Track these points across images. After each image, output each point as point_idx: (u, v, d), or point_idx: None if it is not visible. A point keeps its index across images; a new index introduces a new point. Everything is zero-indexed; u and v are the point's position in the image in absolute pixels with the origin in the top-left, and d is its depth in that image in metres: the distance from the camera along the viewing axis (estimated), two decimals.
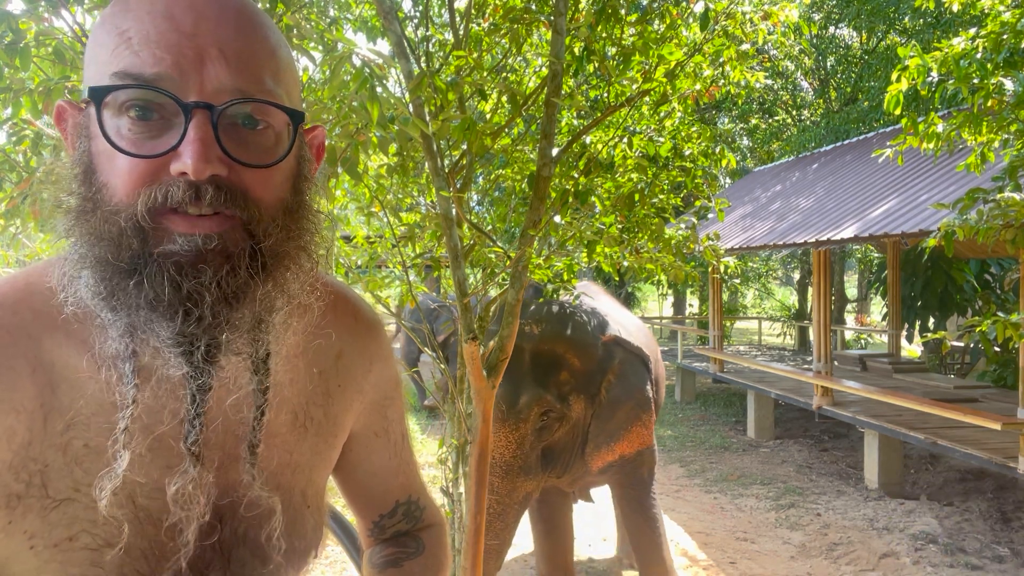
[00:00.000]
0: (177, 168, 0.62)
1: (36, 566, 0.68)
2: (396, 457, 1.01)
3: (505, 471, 3.37)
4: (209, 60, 0.64)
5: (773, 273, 21.55)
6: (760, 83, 3.58)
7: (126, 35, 0.64)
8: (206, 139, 0.62)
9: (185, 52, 0.63)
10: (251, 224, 0.66)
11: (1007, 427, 5.32)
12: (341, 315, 0.88)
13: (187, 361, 0.65)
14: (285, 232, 0.69)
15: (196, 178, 0.62)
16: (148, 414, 0.70)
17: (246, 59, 0.66)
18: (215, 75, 0.64)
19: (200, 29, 0.64)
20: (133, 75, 0.63)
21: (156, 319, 0.63)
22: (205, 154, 0.62)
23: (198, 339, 0.64)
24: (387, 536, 1.04)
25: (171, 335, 0.63)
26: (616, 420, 3.59)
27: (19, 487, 0.67)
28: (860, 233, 6.84)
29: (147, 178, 0.63)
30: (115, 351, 0.66)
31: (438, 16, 4.46)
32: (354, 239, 3.72)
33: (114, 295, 0.64)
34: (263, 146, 0.68)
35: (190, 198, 0.62)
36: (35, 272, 0.72)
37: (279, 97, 0.68)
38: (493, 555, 3.44)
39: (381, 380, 0.94)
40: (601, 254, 3.18)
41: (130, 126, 0.64)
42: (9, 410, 0.67)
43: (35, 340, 0.69)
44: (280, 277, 0.69)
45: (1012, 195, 3.13)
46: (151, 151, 0.63)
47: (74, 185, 0.67)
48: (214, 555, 0.75)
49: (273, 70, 0.69)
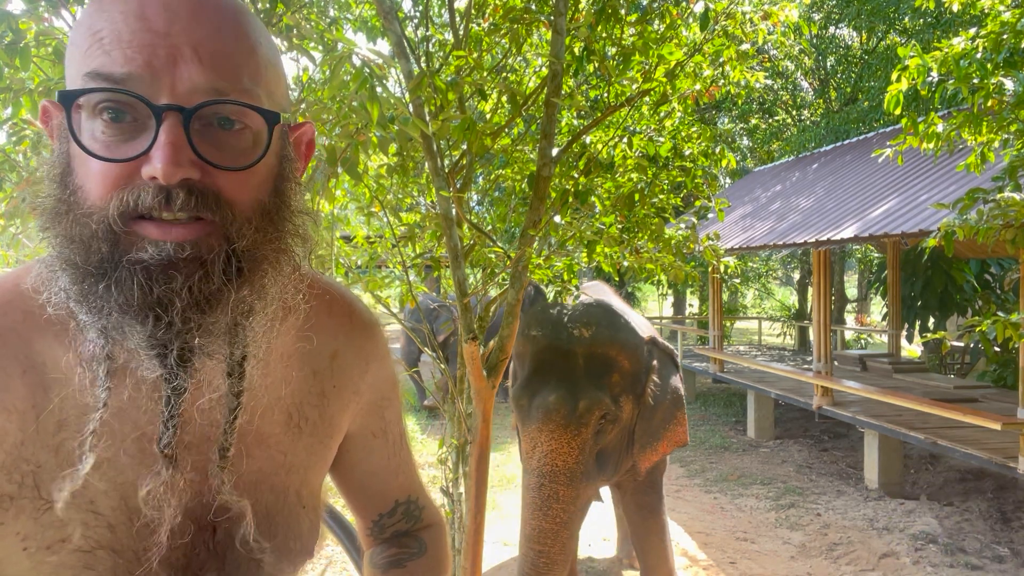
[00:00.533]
0: (148, 172, 0.61)
1: (29, 568, 0.68)
2: (395, 457, 1.01)
3: (569, 478, 3.30)
4: (182, 60, 0.63)
5: (773, 273, 21.55)
6: (760, 83, 3.58)
7: (98, 35, 0.63)
8: (176, 142, 0.61)
9: (157, 52, 0.62)
10: (226, 227, 0.65)
11: (1007, 427, 5.32)
12: (336, 315, 0.87)
13: (161, 364, 0.64)
14: (262, 234, 0.68)
15: (166, 182, 0.61)
16: (136, 415, 0.70)
17: (222, 58, 0.65)
18: (188, 76, 0.63)
19: (174, 29, 0.63)
20: (103, 75, 0.62)
21: (128, 322, 0.62)
22: (175, 158, 0.61)
23: (171, 343, 0.63)
24: (387, 536, 1.04)
25: (143, 338, 0.63)
26: (657, 419, 3.60)
27: (11, 488, 0.67)
28: (860, 233, 6.84)
29: (120, 182, 0.62)
30: (91, 352, 0.66)
31: (438, 16, 4.46)
32: (354, 239, 3.72)
33: (86, 298, 0.63)
34: (239, 148, 0.66)
35: (160, 203, 0.61)
36: (25, 273, 0.71)
37: (257, 97, 0.67)
38: (560, 566, 3.38)
39: (378, 380, 0.93)
40: (601, 254, 3.18)
41: (103, 128, 0.63)
42: (1, 410, 0.66)
43: (25, 341, 0.69)
44: (257, 281, 0.68)
45: (1012, 195, 3.13)
46: (123, 155, 0.62)
47: (51, 186, 0.66)
48: (209, 556, 0.75)
49: (252, 69, 0.67)
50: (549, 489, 3.27)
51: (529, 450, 3.31)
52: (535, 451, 3.29)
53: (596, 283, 4.86)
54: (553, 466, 3.26)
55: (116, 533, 0.70)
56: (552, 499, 3.26)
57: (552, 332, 3.38)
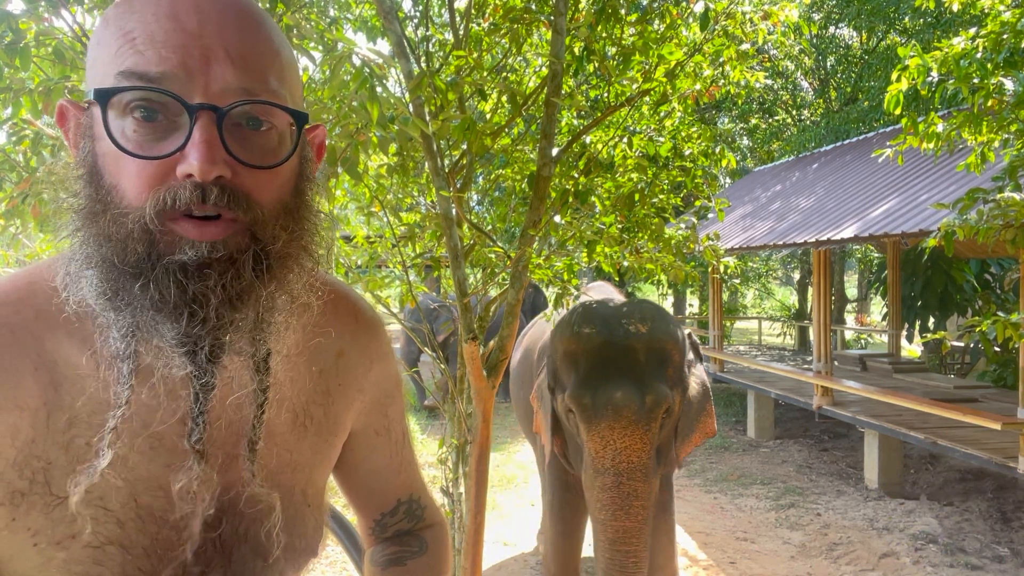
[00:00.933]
0: (183, 170, 0.62)
1: (39, 564, 0.68)
2: (397, 455, 1.01)
3: (645, 474, 3.25)
4: (215, 61, 0.64)
5: (773, 273, 21.54)
6: (760, 83, 3.58)
7: (130, 35, 0.64)
8: (211, 141, 0.63)
9: (191, 52, 0.63)
10: (254, 227, 0.66)
11: (1007, 427, 5.32)
12: (342, 314, 0.88)
13: (191, 361, 0.65)
14: (287, 233, 0.69)
15: (202, 179, 0.62)
16: (147, 413, 0.71)
17: (251, 60, 0.66)
18: (221, 76, 0.64)
19: (206, 30, 0.64)
20: (138, 74, 0.63)
21: (161, 320, 0.63)
22: (211, 156, 0.62)
23: (202, 340, 0.64)
24: (388, 535, 1.04)
25: (175, 336, 0.64)
26: (694, 410, 3.61)
27: (23, 484, 0.67)
28: (860, 233, 6.84)
29: (155, 180, 0.63)
30: (115, 351, 0.67)
31: (438, 16, 4.46)
32: (354, 239, 3.71)
33: (118, 295, 0.64)
34: (266, 147, 0.68)
35: (197, 199, 0.63)
36: (37, 271, 0.72)
37: (283, 98, 0.68)
38: (645, 564, 3.32)
39: (381, 378, 0.94)
40: (601, 254, 3.18)
41: (135, 127, 0.64)
42: (13, 407, 0.67)
43: (37, 339, 0.69)
44: (283, 278, 0.69)
45: (1012, 195, 3.13)
46: (157, 153, 0.63)
47: (79, 186, 0.67)
48: (215, 553, 0.75)
49: (278, 71, 0.69)
50: (628, 487, 3.21)
51: (600, 449, 3.21)
52: (607, 449, 3.21)
53: (601, 283, 4.86)
54: (629, 463, 3.21)
55: (125, 529, 0.70)
56: (632, 497, 3.21)
57: (608, 328, 3.33)
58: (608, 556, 3.24)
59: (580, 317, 3.40)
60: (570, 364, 3.33)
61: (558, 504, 4.07)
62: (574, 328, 3.31)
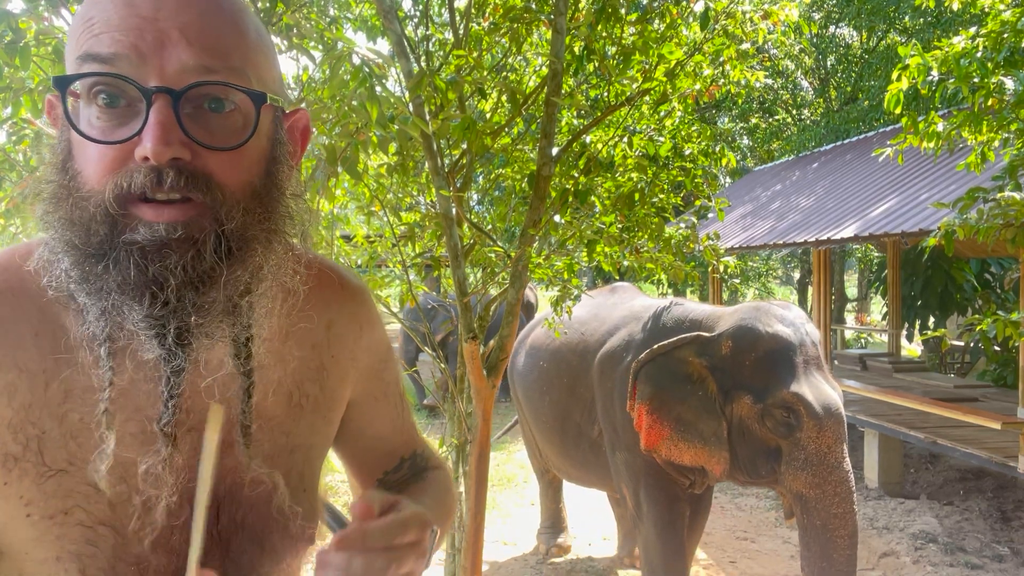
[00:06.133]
0: (140, 153, 0.63)
1: (33, 536, 0.69)
2: (399, 418, 1.02)
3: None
4: (170, 43, 0.64)
5: (773, 273, 21.53)
6: (760, 82, 3.58)
7: (91, 22, 0.65)
8: (166, 122, 0.63)
9: (144, 35, 0.64)
10: (216, 208, 0.66)
11: (1007, 427, 5.32)
12: (327, 286, 0.88)
13: (160, 344, 0.65)
14: (252, 216, 0.69)
15: (156, 161, 0.62)
16: (133, 396, 0.71)
17: (210, 40, 0.66)
18: (176, 57, 0.64)
19: (161, 13, 0.65)
20: (92, 55, 0.64)
21: (127, 302, 0.64)
22: (164, 137, 0.62)
23: (168, 322, 0.64)
24: (392, 488, 1.05)
25: (142, 318, 0.64)
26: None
27: (16, 448, 0.68)
28: (860, 232, 6.84)
29: (115, 165, 0.64)
30: (91, 334, 0.67)
31: (438, 15, 4.46)
32: (354, 238, 3.71)
33: (87, 279, 0.65)
34: (230, 129, 0.68)
35: (152, 182, 0.63)
36: (36, 244, 0.73)
37: (245, 78, 0.68)
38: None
39: (373, 343, 0.94)
40: (601, 254, 3.18)
41: (99, 114, 0.65)
42: (12, 367, 0.68)
43: (39, 307, 0.70)
44: (249, 261, 0.69)
45: (1012, 194, 3.13)
46: (117, 138, 0.64)
47: (52, 172, 0.68)
48: (212, 542, 0.75)
49: (242, 52, 0.69)
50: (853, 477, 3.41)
51: (833, 443, 3.33)
52: (839, 443, 3.36)
53: (625, 284, 4.89)
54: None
55: (116, 512, 0.71)
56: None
57: (790, 330, 3.42)
58: (848, 553, 3.24)
59: (767, 317, 3.42)
60: (773, 366, 3.31)
61: (670, 518, 3.82)
62: (768, 330, 3.36)
